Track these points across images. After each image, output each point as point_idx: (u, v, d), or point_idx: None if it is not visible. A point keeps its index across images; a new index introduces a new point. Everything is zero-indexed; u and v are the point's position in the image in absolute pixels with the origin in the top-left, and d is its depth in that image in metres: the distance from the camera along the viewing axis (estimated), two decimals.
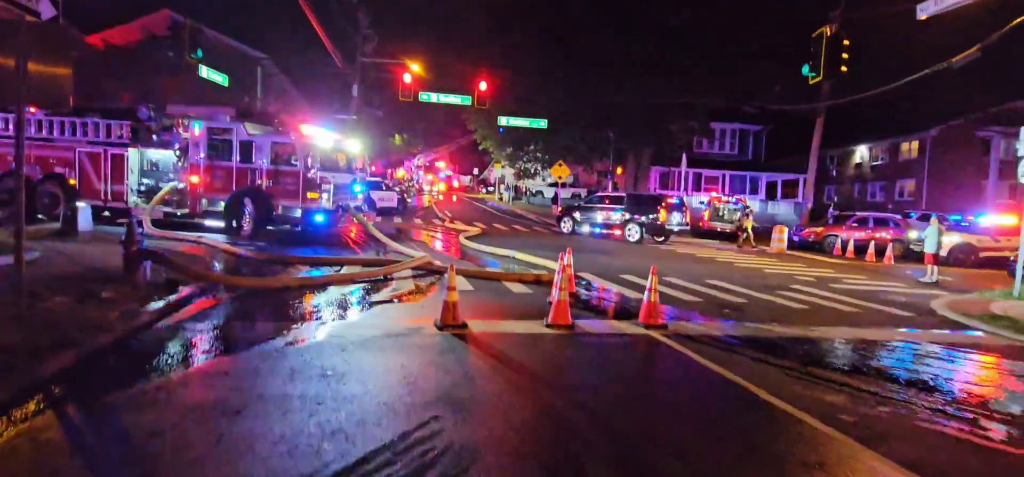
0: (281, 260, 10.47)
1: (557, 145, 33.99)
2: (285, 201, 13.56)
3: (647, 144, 32.38)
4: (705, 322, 7.39)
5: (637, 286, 10.16)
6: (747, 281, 11.74)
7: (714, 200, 25.05)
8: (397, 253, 12.23)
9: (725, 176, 38.87)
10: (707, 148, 40.22)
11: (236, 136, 13.70)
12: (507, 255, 13.28)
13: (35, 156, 14.49)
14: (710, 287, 10.64)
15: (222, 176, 13.82)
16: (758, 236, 24.53)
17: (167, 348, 5.16)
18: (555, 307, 6.53)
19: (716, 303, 9.02)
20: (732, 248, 20.39)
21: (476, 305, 7.69)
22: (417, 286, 8.91)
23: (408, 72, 26.25)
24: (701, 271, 13.08)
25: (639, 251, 17.13)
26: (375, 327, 6.17)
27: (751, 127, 40.23)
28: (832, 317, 8.51)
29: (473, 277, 9.95)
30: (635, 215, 20.34)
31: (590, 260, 13.71)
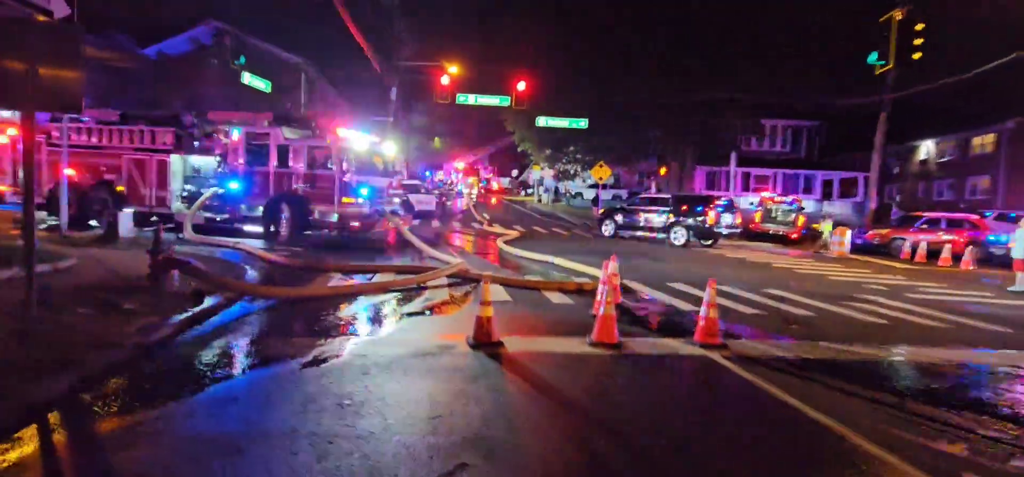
0: (314, 266, 10.19)
1: (597, 145, 33.10)
2: (321, 206, 13.37)
3: (692, 143, 31.06)
4: (770, 341, 6.54)
5: (687, 296, 9.33)
6: (810, 290, 10.69)
7: (766, 200, 23.63)
8: (432, 259, 11.80)
9: (776, 175, 36.99)
10: (757, 146, 38.41)
11: (273, 141, 13.62)
12: (546, 261, 12.64)
13: (87, 164, 14.88)
14: (769, 297, 9.69)
15: (260, 181, 13.77)
16: (816, 240, 22.99)
17: (177, 368, 4.80)
18: (600, 323, 5.86)
19: (779, 316, 8.11)
20: (788, 252, 19.06)
21: (513, 318, 7.10)
22: (451, 296, 8.39)
23: (445, 74, 26.03)
24: (757, 278, 12.07)
25: (686, 256, 16.16)
26: (403, 344, 5.67)
27: (804, 123, 38.16)
28: (918, 334, 7.47)
29: (510, 286, 9.36)
30: (681, 217, 19.32)
31: (634, 266, 12.90)
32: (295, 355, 5.17)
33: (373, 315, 7.01)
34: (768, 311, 8.49)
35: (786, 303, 9.20)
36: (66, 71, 4.63)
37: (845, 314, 8.56)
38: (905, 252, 18.81)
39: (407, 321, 6.76)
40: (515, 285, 9.40)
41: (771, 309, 8.65)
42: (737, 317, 7.90)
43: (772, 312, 8.42)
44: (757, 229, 22.91)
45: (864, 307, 9.22)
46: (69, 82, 4.64)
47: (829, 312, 8.65)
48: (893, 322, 8.17)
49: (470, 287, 9.15)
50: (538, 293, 8.94)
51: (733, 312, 8.22)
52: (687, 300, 8.97)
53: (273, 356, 5.14)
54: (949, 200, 38.05)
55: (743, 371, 5.29)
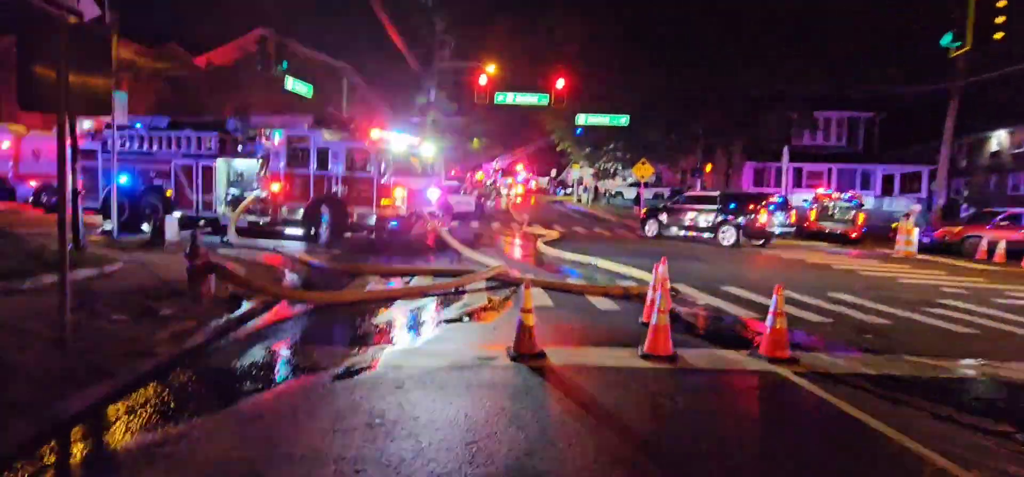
0: (353, 270, 10.03)
1: (639, 143, 32.16)
2: (360, 208, 13.29)
3: (739, 138, 29.75)
4: (847, 355, 5.84)
5: (743, 301, 8.65)
6: (880, 294, 9.77)
7: (822, 197, 22.25)
8: (471, 261, 11.50)
9: (831, 170, 35.04)
10: (810, 140, 36.46)
11: (313, 144, 13.63)
12: (589, 263, 12.13)
13: (138, 169, 15.36)
14: (836, 302, 8.88)
15: (300, 184, 13.82)
16: (878, 238, 21.50)
17: (206, 379, 4.60)
18: (652, 333, 5.34)
19: (851, 325, 7.35)
20: (848, 253, 17.81)
21: (557, 326, 6.66)
22: (490, 300, 8.02)
23: (483, 73, 25.77)
24: (818, 281, 11.18)
25: (737, 257, 15.28)
26: (440, 355, 5.32)
27: (861, 115, 35.99)
28: (1019, 348, 6.59)
29: (553, 290, 8.92)
30: (729, 216, 18.36)
31: (683, 268, 12.21)
32: (327, 366, 4.90)
33: (409, 321, 6.71)
34: (837, 319, 7.73)
35: (856, 309, 8.39)
36: (95, 75, 4.50)
37: (927, 322, 7.70)
38: (981, 251, 17.26)
39: (445, 328, 6.41)
40: (557, 289, 8.95)
41: (840, 316, 7.89)
42: (803, 325, 7.20)
43: (842, 320, 7.66)
44: (813, 228, 21.59)
45: (947, 314, 8.30)
46: (98, 86, 4.50)
47: (908, 320, 7.81)
48: (985, 332, 7.28)
49: (510, 291, 8.76)
50: (582, 297, 8.46)
51: (798, 320, 7.51)
52: (744, 306, 8.30)
53: (304, 366, 4.89)
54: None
55: (821, 391, 4.68)
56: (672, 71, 26.29)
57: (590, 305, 7.95)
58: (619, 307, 7.87)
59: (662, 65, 26.41)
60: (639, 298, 7.84)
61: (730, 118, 27.42)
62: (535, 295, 8.26)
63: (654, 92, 26.88)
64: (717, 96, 26.43)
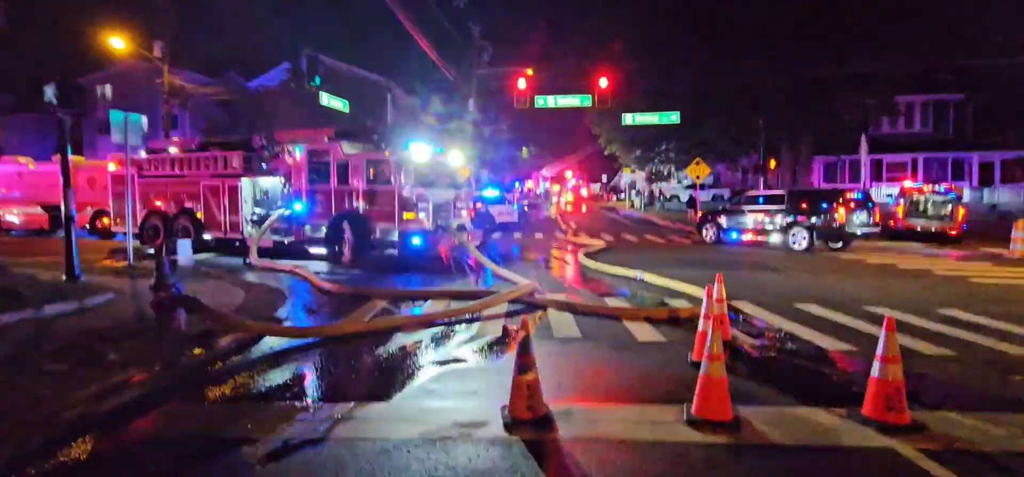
0: (363, 293, 8.99)
1: (693, 141, 29.91)
2: (382, 223, 12.33)
3: (807, 130, 26.91)
4: (995, 416, 4.04)
5: (825, 324, 6.86)
6: (1009, 310, 7.65)
7: (910, 190, 19.40)
8: (500, 279, 10.25)
9: (916, 160, 31.32)
10: (889, 128, 32.83)
11: (333, 157, 12.85)
12: (634, 277, 10.56)
13: (170, 192, 15.20)
14: (951, 323, 6.91)
15: (322, 200, 13.07)
16: (982, 236, 18.49)
17: (94, 462, 3.53)
18: (704, 388, 3.83)
19: (984, 358, 5.46)
20: (949, 254, 15.16)
21: (578, 369, 5.24)
22: (506, 330, 6.68)
23: (523, 77, 24.59)
24: (920, 292, 9.09)
25: (811, 263, 13.17)
26: (415, 419, 4.04)
27: (950, 97, 32.04)
28: None
29: (582, 314, 7.48)
30: (800, 216, 16.14)
31: (747, 280, 10.40)
32: (261, 435, 3.73)
33: (398, 363, 5.49)
34: (959, 348, 5.84)
35: (984, 333, 6.42)
36: None
37: None
38: None
39: (438, 373, 5.14)
40: (588, 313, 7.49)
41: (963, 344, 5.98)
42: (915, 361, 5.40)
43: (969, 350, 5.77)
44: (901, 227, 18.82)
45: None
46: None
47: None
48: None
49: (535, 315, 7.39)
50: (618, 323, 6.97)
51: (906, 351, 5.69)
52: (828, 331, 6.53)
53: (233, 437, 3.74)
54: None
55: None
56: (727, 60, 24.06)
57: (627, 334, 6.45)
58: (664, 337, 6.33)
59: (715, 54, 24.24)
60: (690, 323, 6.27)
61: (795, 108, 24.77)
62: (558, 324, 6.87)
63: (707, 85, 24.71)
64: (779, 84, 23.94)
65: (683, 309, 7.09)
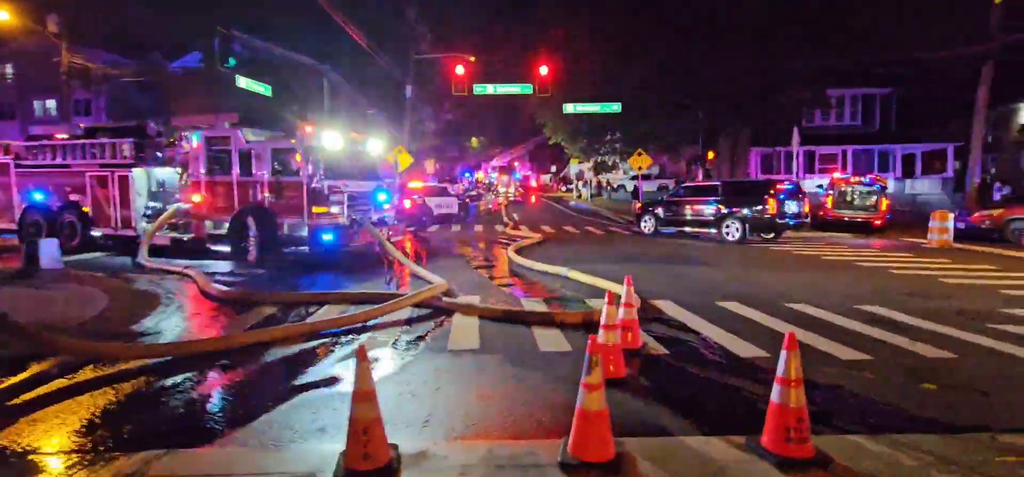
0: (250, 299, 7.98)
1: (637, 132, 29.82)
2: (290, 218, 11.25)
3: (745, 123, 27.29)
4: (911, 439, 3.58)
5: (746, 324, 6.45)
6: (926, 305, 7.52)
7: (838, 182, 19.85)
8: (417, 278, 9.46)
9: (845, 152, 32.49)
10: (821, 120, 33.90)
11: (234, 145, 11.61)
12: (558, 273, 9.98)
13: (53, 184, 13.49)
14: (870, 320, 6.65)
15: (224, 193, 11.82)
16: (904, 225, 19.11)
17: None
18: (579, 423, 3.19)
19: (900, 364, 5.13)
20: (872, 244, 15.46)
21: (460, 391, 4.54)
22: (396, 342, 5.91)
23: (461, 63, 23.69)
24: (842, 286, 8.93)
25: (743, 256, 13.03)
26: (228, 475, 3.22)
27: (877, 91, 33.35)
28: None
29: (490, 319, 6.79)
30: (734, 208, 16.10)
31: (677, 275, 10.02)
32: None
33: (252, 389, 4.63)
34: (874, 349, 5.52)
35: (900, 333, 6.15)
36: None
37: (1005, 351, 5.45)
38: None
39: (289, 405, 4.30)
40: (496, 318, 6.81)
41: (878, 346, 5.67)
42: (830, 367, 5.00)
43: (882, 352, 5.44)
44: (830, 217, 19.24)
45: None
46: None
47: (976, 348, 5.57)
48: None
49: (434, 324, 6.64)
50: (525, 329, 6.32)
51: (822, 356, 5.31)
52: (745, 334, 6.10)
53: None
54: None
55: None
56: (668, 51, 23.95)
57: (532, 343, 5.80)
58: (571, 345, 5.72)
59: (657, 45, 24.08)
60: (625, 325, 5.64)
61: (734, 101, 24.99)
62: (464, 329, 6.16)
63: (649, 75, 24.55)
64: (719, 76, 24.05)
65: (596, 312, 6.50)
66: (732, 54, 22.21)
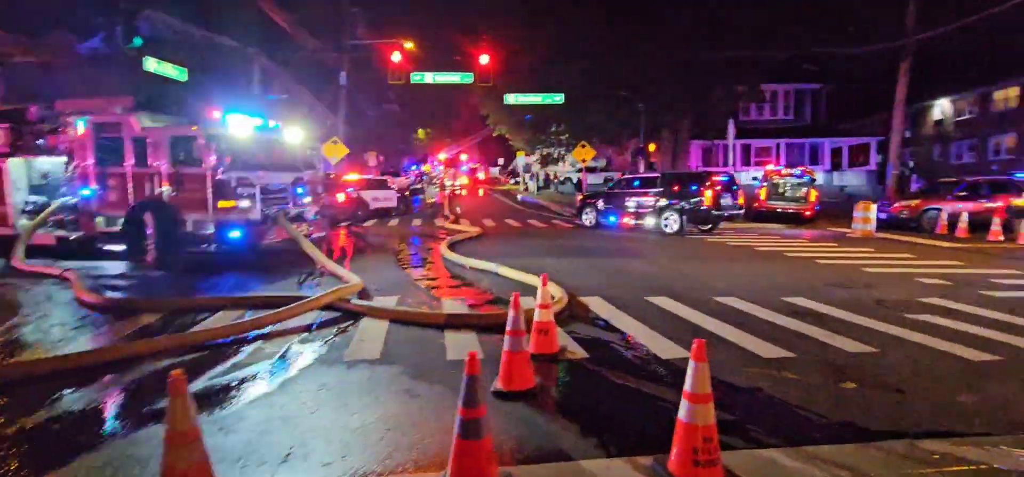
0: (131, 306, 7.03)
1: (581, 124, 29.71)
2: (194, 213, 10.16)
3: (685, 115, 27.70)
4: (835, 450, 3.29)
5: (674, 321, 6.14)
6: (848, 296, 7.50)
7: (771, 174, 20.36)
8: (332, 276, 8.72)
9: (779, 145, 33.67)
10: (757, 115, 35.04)
11: (127, 132, 10.39)
12: (488, 269, 9.47)
13: None
14: (793, 313, 6.51)
15: (117, 185, 10.57)
16: (832, 215, 19.80)
17: None
18: (459, 457, 2.67)
19: (820, 360, 4.92)
20: (803, 234, 15.83)
21: (338, 416, 3.94)
22: (284, 356, 5.22)
23: (397, 50, 22.72)
24: (770, 277, 8.87)
25: (679, 247, 12.96)
26: None
27: (809, 86, 34.76)
28: None
29: (400, 321, 6.20)
30: (673, 200, 16.10)
31: (609, 268, 9.71)
32: None
33: (83, 421, 3.85)
34: (797, 346, 5.31)
35: (822, 326, 6.01)
36: None
37: (923, 343, 5.37)
38: (941, 226, 15.64)
39: (130, 436, 3.57)
40: (408, 321, 6.22)
41: (801, 341, 5.47)
42: (750, 367, 4.72)
43: (804, 348, 5.24)
44: (763, 208, 19.71)
45: (943, 325, 6.04)
46: None
47: (897, 342, 5.46)
48: (1012, 355, 4.99)
49: (338, 329, 5.97)
50: (436, 333, 5.77)
51: (740, 355, 5.04)
52: (668, 331, 5.79)
53: None
54: (969, 162, 34.68)
55: None
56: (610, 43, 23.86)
57: (440, 352, 5.25)
58: (484, 352, 5.21)
59: (595, 36, 23.93)
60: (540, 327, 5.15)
61: (673, 93, 25.25)
62: (367, 337, 5.54)
63: (593, 68, 24.38)
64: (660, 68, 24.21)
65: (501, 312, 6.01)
66: (669, 46, 22.34)
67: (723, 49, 22.53)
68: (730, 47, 22.40)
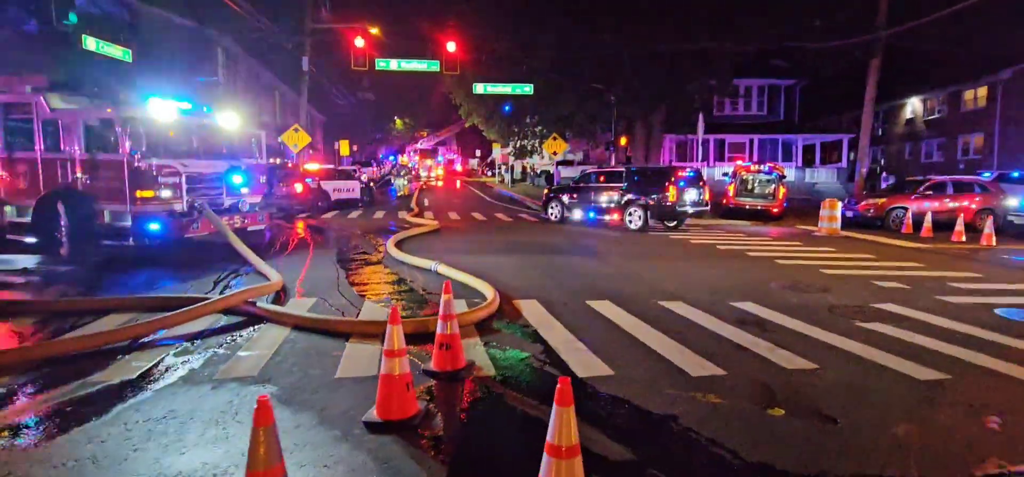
0: (3, 307, 6.27)
1: (554, 116, 29.15)
2: (110, 204, 9.34)
3: (657, 109, 27.29)
4: None
5: (609, 329, 5.59)
6: (800, 302, 7.07)
7: (740, 169, 20.06)
8: (259, 274, 8.06)
9: (752, 141, 33.53)
10: (731, 110, 34.85)
11: (37, 114, 9.51)
12: (429, 267, 8.86)
13: None
14: (740, 321, 6.03)
15: (26, 172, 9.70)
16: (801, 213, 19.59)
17: None
18: None
19: (753, 380, 4.42)
20: (769, 232, 15.52)
21: (155, 458, 3.31)
22: (157, 366, 4.56)
23: (360, 35, 21.82)
24: (725, 279, 8.42)
25: (639, 244, 12.50)
26: None
27: (782, 82, 34.63)
28: (1013, 399, 3.88)
29: (304, 328, 5.57)
30: (638, 195, 15.64)
31: (559, 268, 9.17)
32: None
33: None
34: (732, 361, 4.81)
35: (765, 335, 5.54)
36: None
37: (869, 359, 4.91)
38: (907, 225, 15.46)
39: None
40: (309, 328, 5.58)
41: (738, 356, 4.98)
42: (672, 388, 4.20)
43: (740, 364, 4.75)
44: (732, 204, 19.40)
45: (892, 335, 5.61)
46: None
47: (837, 354, 5.01)
48: (959, 371, 4.56)
49: (230, 338, 5.31)
50: (341, 341, 5.15)
51: (666, 372, 4.52)
52: (598, 344, 5.25)
53: None
54: (939, 161, 35.01)
55: None
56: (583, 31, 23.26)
57: (333, 365, 4.63)
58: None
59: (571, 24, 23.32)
60: (447, 335, 4.54)
61: (646, 86, 24.79)
62: (260, 346, 4.91)
63: (564, 57, 23.77)
64: (632, 60, 23.73)
65: (430, 321, 5.43)
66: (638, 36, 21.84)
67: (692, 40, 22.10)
68: (700, 38, 21.98)
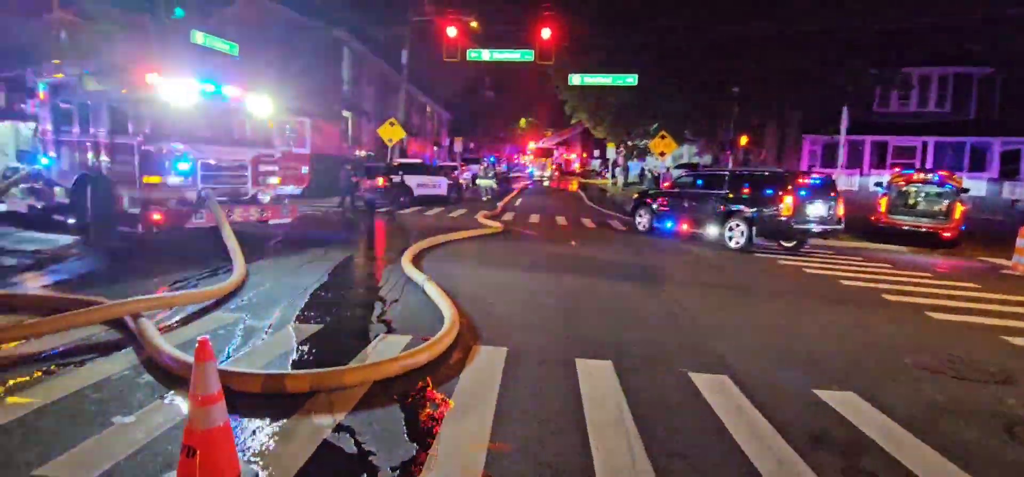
0: None
1: (669, 112, 25.82)
2: (128, 188, 9.05)
3: (796, 105, 22.74)
4: None
5: (566, 437, 3.39)
6: (957, 400, 4.10)
7: (898, 179, 15.47)
8: None
9: (926, 145, 26.89)
10: (899, 106, 28.35)
11: (76, 96, 9.57)
12: (419, 282, 7.16)
13: None
14: (816, 439, 3.40)
15: (69, 154, 9.86)
16: (989, 240, 14.63)
17: None
18: None
19: None
20: (936, 265, 11.36)
21: None
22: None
23: (452, 25, 20.92)
24: (825, 336, 5.52)
25: (729, 270, 9.58)
26: None
27: (974, 70, 27.32)
28: None
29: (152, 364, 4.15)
30: (741, 206, 12.43)
31: (597, 298, 6.91)
32: None
33: None
34: None
35: (844, 462, 2.93)
36: None
37: None
38: None
39: None
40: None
41: None
42: None
43: None
44: (883, 223, 14.92)
45: None
46: None
47: None
48: None
49: (80, 360, 4.08)
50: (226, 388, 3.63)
51: None
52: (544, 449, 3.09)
53: None
54: None
55: None
56: (704, 17, 19.98)
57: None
58: None
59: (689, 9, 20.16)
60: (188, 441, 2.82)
61: (780, 79, 20.59)
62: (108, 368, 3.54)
63: (673, 41, 20.65)
64: (762, 41, 19.76)
65: (294, 377, 3.65)
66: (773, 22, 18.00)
67: (850, 17, 17.68)
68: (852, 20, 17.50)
